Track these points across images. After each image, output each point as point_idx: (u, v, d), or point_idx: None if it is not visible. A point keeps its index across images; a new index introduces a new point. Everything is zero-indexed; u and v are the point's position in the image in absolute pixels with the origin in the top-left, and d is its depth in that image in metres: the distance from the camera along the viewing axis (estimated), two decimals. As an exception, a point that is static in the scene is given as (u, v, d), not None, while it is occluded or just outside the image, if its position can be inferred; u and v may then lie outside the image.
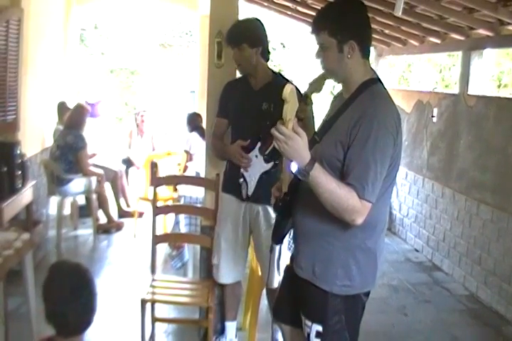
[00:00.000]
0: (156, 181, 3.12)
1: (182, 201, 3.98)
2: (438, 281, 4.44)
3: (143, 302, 2.80)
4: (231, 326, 3.17)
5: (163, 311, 3.44)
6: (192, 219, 3.74)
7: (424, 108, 5.13)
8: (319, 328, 1.89)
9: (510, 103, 3.96)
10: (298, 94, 1.78)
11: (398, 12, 3.32)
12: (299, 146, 1.65)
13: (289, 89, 1.65)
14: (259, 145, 2.72)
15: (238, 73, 3.01)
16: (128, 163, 6.18)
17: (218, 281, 2.99)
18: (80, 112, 5.12)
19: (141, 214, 5.47)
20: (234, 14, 3.02)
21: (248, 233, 2.96)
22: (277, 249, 2.15)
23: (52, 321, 1.66)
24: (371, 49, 1.95)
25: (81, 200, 5.40)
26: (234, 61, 2.86)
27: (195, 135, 5.41)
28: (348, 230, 1.81)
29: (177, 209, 3.67)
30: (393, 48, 5.79)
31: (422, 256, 5.02)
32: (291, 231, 2.03)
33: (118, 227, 5.41)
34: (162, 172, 4.41)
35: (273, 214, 2.54)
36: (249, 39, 2.74)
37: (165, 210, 3.55)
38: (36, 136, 5.19)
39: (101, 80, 11.78)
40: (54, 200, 4.97)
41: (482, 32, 4.05)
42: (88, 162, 5.13)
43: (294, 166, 1.72)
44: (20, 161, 3.79)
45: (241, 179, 2.81)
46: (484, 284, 4.02)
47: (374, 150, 1.73)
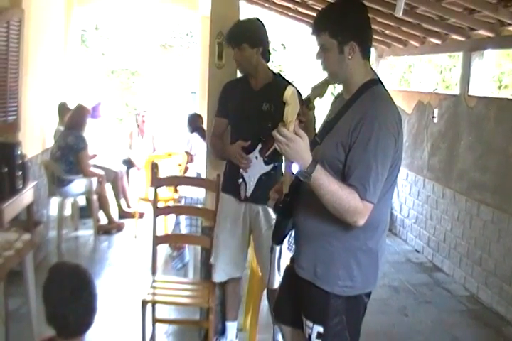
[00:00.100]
0: (157, 182, 3.12)
1: (183, 202, 3.98)
2: (438, 282, 4.44)
3: (143, 303, 2.80)
4: (232, 326, 3.17)
5: (163, 312, 3.43)
6: (192, 220, 3.74)
7: (424, 109, 5.13)
8: (320, 329, 1.89)
9: (510, 104, 3.96)
10: (299, 96, 1.78)
11: (399, 13, 3.32)
12: (301, 148, 1.66)
13: (290, 91, 1.65)
14: (259, 146, 2.70)
15: (239, 73, 3.01)
16: (129, 164, 6.17)
17: (213, 280, 2.98)
18: (81, 113, 5.12)
19: (141, 215, 5.47)
20: (234, 15, 3.02)
21: (248, 233, 2.95)
22: (278, 249, 2.15)
23: (52, 323, 1.66)
24: (372, 50, 1.95)
25: (82, 201, 5.40)
26: (234, 61, 2.85)
27: (195, 136, 5.42)
28: (350, 231, 1.81)
29: (178, 210, 3.68)
30: (394, 49, 5.79)
31: (423, 257, 5.02)
32: (291, 232, 2.03)
33: (119, 228, 5.41)
34: (163, 173, 4.42)
35: (273, 214, 2.53)
36: (249, 39, 2.73)
37: (165, 211, 3.56)
38: (37, 137, 5.20)
39: (101, 81, 11.79)
40: (55, 201, 4.98)
41: (483, 33, 4.05)
42: (89, 163, 5.13)
43: (295, 167, 1.72)
44: (21, 162, 3.79)
45: (240, 179, 2.81)
46: (485, 285, 4.02)
47: (375, 151, 1.73)
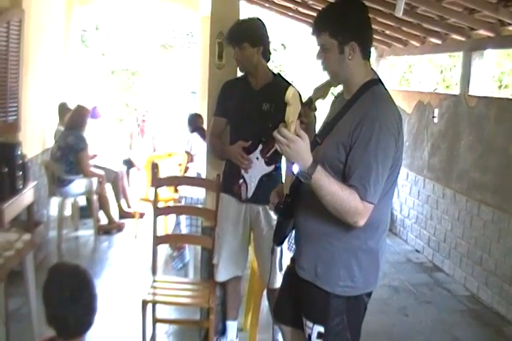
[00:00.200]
0: (157, 182, 3.12)
1: (183, 202, 3.98)
2: (439, 282, 4.44)
3: (144, 303, 2.80)
4: (232, 326, 3.17)
5: (164, 312, 3.43)
6: (193, 220, 3.74)
7: (425, 109, 5.13)
8: (321, 329, 1.89)
9: (510, 104, 3.96)
10: (299, 97, 1.78)
11: (399, 13, 3.33)
12: (301, 149, 1.65)
13: (292, 92, 1.65)
14: (260, 147, 2.69)
15: (239, 73, 3.01)
16: (129, 164, 6.17)
17: (216, 280, 2.98)
18: (81, 113, 5.11)
19: (142, 215, 5.47)
20: (235, 15, 3.01)
21: (248, 233, 2.95)
22: (278, 249, 2.15)
23: (52, 323, 1.66)
24: (372, 50, 1.95)
25: (82, 201, 5.40)
26: (235, 61, 2.85)
27: (196, 136, 5.42)
28: (350, 231, 1.81)
29: (178, 210, 3.68)
30: (394, 49, 5.79)
31: (423, 257, 5.01)
32: (292, 232, 2.03)
33: (119, 228, 5.41)
34: (163, 173, 4.41)
35: (273, 214, 2.53)
36: (250, 38, 2.72)
37: (166, 211, 3.56)
38: (37, 137, 5.20)
39: (102, 81, 11.80)
40: (55, 201, 4.98)
41: (483, 32, 4.05)
42: (89, 163, 5.12)
43: (296, 168, 1.72)
44: (21, 162, 3.79)
45: (241, 180, 2.79)
46: (485, 285, 4.02)
47: (376, 151, 1.73)
